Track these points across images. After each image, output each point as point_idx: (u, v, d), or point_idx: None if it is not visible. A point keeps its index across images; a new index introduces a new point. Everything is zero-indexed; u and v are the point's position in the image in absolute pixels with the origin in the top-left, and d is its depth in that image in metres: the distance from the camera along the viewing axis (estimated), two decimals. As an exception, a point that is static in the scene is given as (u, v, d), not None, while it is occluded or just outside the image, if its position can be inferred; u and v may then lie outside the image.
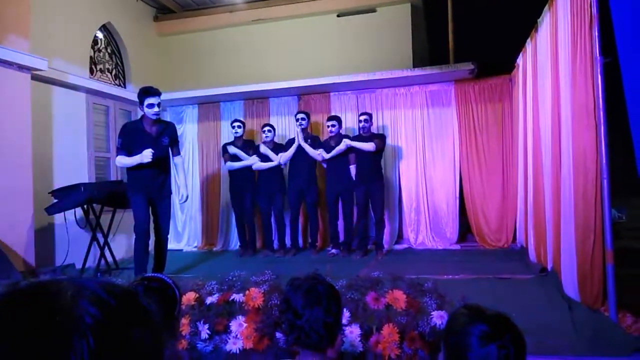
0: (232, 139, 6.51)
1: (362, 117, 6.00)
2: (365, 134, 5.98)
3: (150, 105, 4.55)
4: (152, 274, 1.80)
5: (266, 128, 6.38)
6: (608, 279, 3.09)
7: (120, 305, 0.54)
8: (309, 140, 6.18)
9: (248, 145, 6.43)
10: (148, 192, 4.61)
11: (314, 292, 1.62)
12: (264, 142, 6.33)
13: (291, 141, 6.28)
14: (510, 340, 1.22)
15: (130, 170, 4.62)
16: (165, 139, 4.72)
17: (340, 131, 6.15)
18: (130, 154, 4.51)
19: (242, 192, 6.33)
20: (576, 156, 3.42)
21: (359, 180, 5.92)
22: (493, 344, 1.20)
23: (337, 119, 6.15)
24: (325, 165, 6.18)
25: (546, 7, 4.28)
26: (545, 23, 4.39)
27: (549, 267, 4.35)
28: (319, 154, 5.98)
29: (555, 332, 2.96)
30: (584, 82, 3.25)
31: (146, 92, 4.57)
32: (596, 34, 3.09)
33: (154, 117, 4.62)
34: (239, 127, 6.38)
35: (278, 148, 6.26)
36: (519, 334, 1.25)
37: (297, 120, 6.31)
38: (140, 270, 4.49)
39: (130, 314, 0.56)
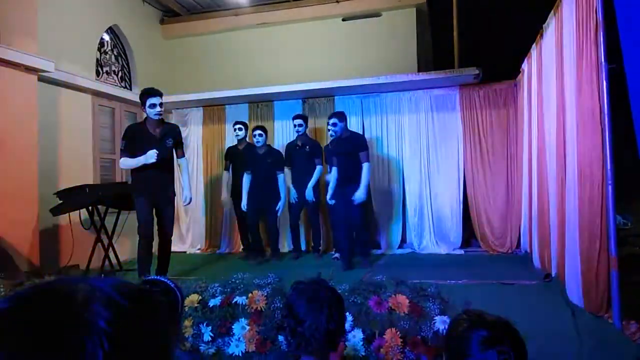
0: (235, 142, 6.51)
1: (330, 121, 5.47)
2: (343, 139, 5.42)
3: (152, 106, 4.57)
4: (155, 277, 1.80)
5: (257, 132, 5.92)
6: (612, 285, 3.07)
7: (132, 306, 0.54)
8: (307, 147, 6.06)
9: (251, 148, 6.31)
10: (152, 193, 4.63)
11: (316, 299, 1.60)
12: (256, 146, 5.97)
13: (290, 147, 6.24)
14: (511, 346, 1.21)
15: (135, 171, 4.63)
16: (169, 141, 4.74)
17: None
18: (133, 155, 4.53)
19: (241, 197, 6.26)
20: (581, 162, 3.41)
21: (341, 185, 5.45)
22: (493, 349, 1.20)
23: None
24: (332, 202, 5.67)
25: (551, 13, 4.28)
26: (550, 29, 4.39)
27: (553, 273, 4.34)
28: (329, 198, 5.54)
29: (558, 338, 2.94)
30: (589, 88, 3.25)
31: (147, 92, 4.60)
32: (601, 40, 3.09)
33: (157, 117, 4.64)
34: (240, 129, 6.29)
35: (272, 154, 5.98)
36: (520, 339, 1.25)
37: (294, 125, 6.15)
38: (144, 272, 4.50)
39: (141, 313, 0.56)
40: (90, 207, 5.31)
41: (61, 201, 5.09)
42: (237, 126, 6.35)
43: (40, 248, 5.10)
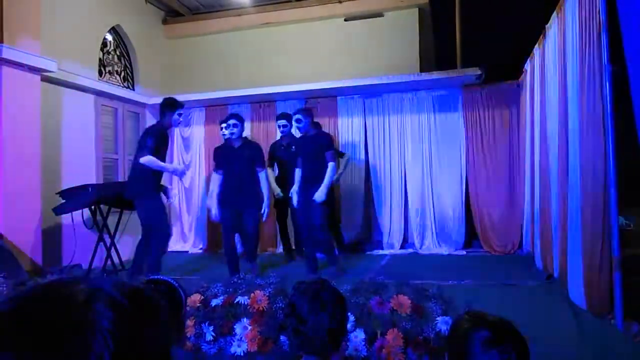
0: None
1: (295, 117, 5.12)
2: (309, 137, 5.08)
3: (180, 115, 4.91)
4: (158, 277, 1.81)
5: (231, 121, 5.03)
6: (615, 286, 3.07)
7: (134, 306, 0.55)
8: (293, 147, 5.68)
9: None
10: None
11: (319, 298, 1.60)
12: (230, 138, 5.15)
13: (275, 147, 6.10)
14: (512, 346, 1.21)
15: (152, 174, 4.69)
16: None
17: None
18: (154, 156, 4.68)
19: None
20: (584, 163, 3.41)
21: (304, 186, 5.10)
22: (495, 350, 1.20)
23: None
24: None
25: (554, 14, 4.27)
26: (553, 29, 4.38)
27: (555, 274, 4.33)
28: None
29: (560, 339, 2.94)
30: (592, 89, 3.24)
31: (180, 104, 4.90)
32: (604, 41, 3.08)
33: (178, 127, 5.14)
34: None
35: (250, 148, 5.11)
36: (521, 339, 1.25)
37: (278, 126, 5.97)
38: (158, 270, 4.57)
39: (142, 313, 0.56)
40: (92, 207, 5.32)
41: (64, 201, 5.10)
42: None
43: (43, 247, 5.11)
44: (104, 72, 6.79)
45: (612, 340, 2.93)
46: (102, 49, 6.75)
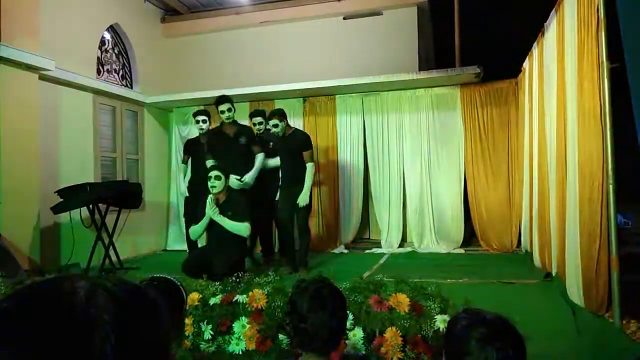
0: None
1: (271, 122, 5.06)
2: (287, 137, 5.11)
3: (223, 112, 5.21)
4: (161, 275, 1.82)
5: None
6: (613, 285, 3.07)
7: (133, 302, 0.55)
8: (271, 144, 5.46)
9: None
10: None
11: (319, 296, 1.61)
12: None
13: (260, 139, 5.68)
14: (510, 343, 1.21)
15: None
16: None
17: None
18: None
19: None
20: (582, 161, 3.41)
21: (287, 186, 5.16)
22: (492, 347, 1.20)
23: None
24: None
25: (553, 12, 4.27)
26: (552, 27, 4.38)
27: (554, 272, 4.33)
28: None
29: (558, 337, 2.94)
30: (591, 87, 3.24)
31: (219, 100, 5.22)
32: (603, 39, 3.08)
33: (228, 121, 5.28)
34: (204, 122, 5.69)
35: (232, 204, 4.62)
36: (519, 336, 1.25)
37: (253, 124, 5.68)
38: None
39: (141, 309, 0.56)
40: (91, 206, 5.32)
41: (62, 199, 5.09)
42: (202, 117, 5.74)
43: (41, 246, 5.10)
44: (102, 70, 6.78)
45: (610, 338, 2.93)
46: (100, 48, 6.74)
